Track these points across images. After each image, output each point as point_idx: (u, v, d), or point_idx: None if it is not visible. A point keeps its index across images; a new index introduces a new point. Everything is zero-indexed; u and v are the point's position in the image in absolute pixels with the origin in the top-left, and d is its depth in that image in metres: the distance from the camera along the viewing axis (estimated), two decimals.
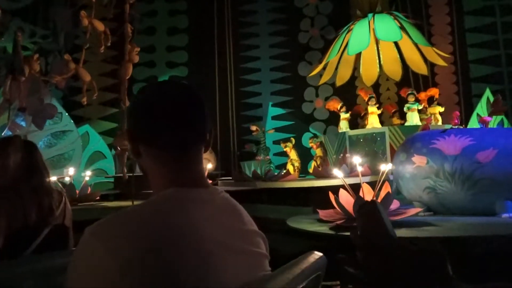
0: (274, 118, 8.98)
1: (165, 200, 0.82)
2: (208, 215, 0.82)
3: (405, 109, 5.90)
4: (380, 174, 3.34)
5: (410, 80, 8.26)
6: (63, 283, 0.76)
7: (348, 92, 8.48)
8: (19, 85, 6.51)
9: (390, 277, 0.57)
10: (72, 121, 7.69)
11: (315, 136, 6.29)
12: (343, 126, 6.07)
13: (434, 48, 6.72)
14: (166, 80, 0.99)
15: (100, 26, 5.08)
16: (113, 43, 6.43)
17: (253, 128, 7.16)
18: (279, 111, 9.06)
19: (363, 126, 6.19)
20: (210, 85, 9.09)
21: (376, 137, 5.99)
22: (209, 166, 5.99)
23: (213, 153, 7.68)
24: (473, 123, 7.01)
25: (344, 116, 6.02)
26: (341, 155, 5.94)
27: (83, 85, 5.38)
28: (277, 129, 8.59)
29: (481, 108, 7.29)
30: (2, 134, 6.51)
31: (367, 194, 3.49)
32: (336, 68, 7.69)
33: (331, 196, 3.55)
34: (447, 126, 5.49)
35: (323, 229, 3.41)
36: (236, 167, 8.82)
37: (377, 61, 8.00)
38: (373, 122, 5.84)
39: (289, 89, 9.08)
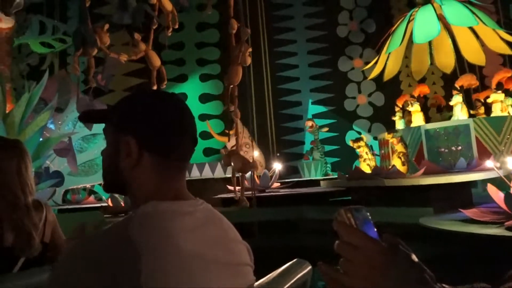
0: (315, 116, 8.47)
1: (146, 214, 0.80)
2: (188, 228, 0.81)
3: (508, 101, 5.47)
4: None
5: (457, 72, 7.95)
6: None
7: (392, 87, 8.11)
8: (53, 82, 5.84)
9: (372, 280, 0.55)
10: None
11: (394, 131, 5.77)
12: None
13: (501, 32, 6.33)
14: (162, 91, 0.95)
15: (168, 4, 4.51)
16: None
17: (309, 123, 6.61)
18: (320, 109, 8.56)
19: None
20: (245, 83, 8.53)
21: (459, 130, 5.55)
22: (278, 167, 5.44)
23: (262, 155, 7.11)
24: None
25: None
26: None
27: (152, 71, 4.77)
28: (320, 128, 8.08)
29: None
30: (40, 138, 5.85)
31: None
32: (387, 61, 7.29)
33: (495, 193, 3.07)
34: None
35: (494, 231, 2.92)
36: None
37: (429, 53, 7.64)
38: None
39: (329, 86, 8.60)
